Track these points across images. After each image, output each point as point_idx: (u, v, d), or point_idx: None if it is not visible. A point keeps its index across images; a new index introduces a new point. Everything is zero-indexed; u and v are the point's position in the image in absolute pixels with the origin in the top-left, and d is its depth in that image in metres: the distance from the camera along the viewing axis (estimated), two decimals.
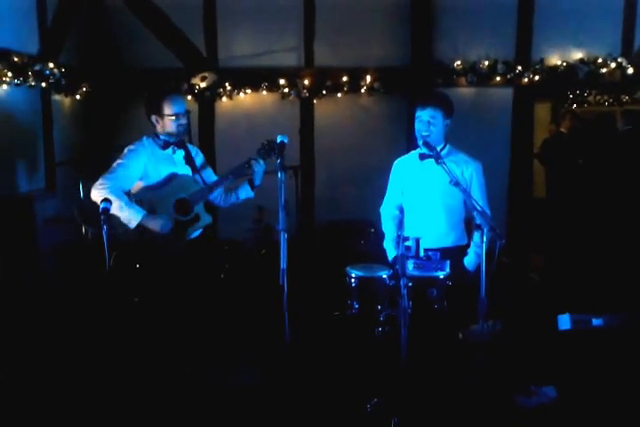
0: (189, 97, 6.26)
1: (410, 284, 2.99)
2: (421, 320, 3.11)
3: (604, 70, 6.05)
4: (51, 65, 5.14)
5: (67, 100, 5.90)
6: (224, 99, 6.33)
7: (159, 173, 3.52)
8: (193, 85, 6.21)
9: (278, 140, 3.36)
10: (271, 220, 3.96)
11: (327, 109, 6.40)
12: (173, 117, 3.50)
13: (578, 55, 6.14)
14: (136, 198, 3.43)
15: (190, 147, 3.73)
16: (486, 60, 6.13)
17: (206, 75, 6.21)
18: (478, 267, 3.06)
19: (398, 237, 2.98)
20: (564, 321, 3.52)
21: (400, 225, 3.03)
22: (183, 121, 3.55)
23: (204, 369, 3.51)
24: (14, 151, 5.02)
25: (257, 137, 5.69)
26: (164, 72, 6.21)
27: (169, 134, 3.55)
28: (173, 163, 3.60)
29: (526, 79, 6.13)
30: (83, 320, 4.22)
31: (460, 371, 3.22)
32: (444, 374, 3.23)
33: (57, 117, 5.64)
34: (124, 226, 3.34)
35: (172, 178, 3.55)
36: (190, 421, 3.11)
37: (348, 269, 3.49)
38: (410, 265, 3.21)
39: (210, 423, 3.11)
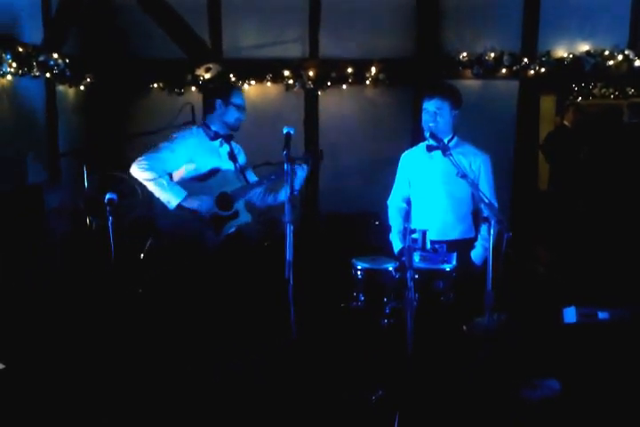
0: (193, 88, 6.24)
1: (416, 276, 2.98)
2: (427, 313, 3.11)
3: (611, 63, 6.01)
4: (55, 55, 5.13)
5: (71, 91, 5.89)
6: None
7: (205, 163, 3.53)
8: (197, 76, 6.18)
9: (284, 132, 3.34)
10: (276, 212, 3.95)
11: (332, 101, 6.38)
12: (239, 108, 3.57)
13: (584, 47, 6.10)
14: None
15: (234, 144, 3.75)
16: (492, 51, 6.09)
17: (210, 66, 6.18)
18: (485, 260, 3.05)
19: (405, 229, 2.97)
20: (570, 314, 3.51)
21: (407, 217, 3.02)
22: (243, 116, 3.61)
23: (209, 361, 3.51)
24: (18, 142, 5.01)
25: (262, 128, 5.77)
26: (168, 63, 6.19)
27: (224, 124, 3.58)
28: (219, 156, 3.62)
29: (532, 71, 6.09)
30: (86, 311, 4.23)
31: (464, 364, 3.22)
32: (449, 366, 3.23)
33: (61, 108, 5.64)
34: (164, 211, 3.34)
35: (216, 171, 3.56)
36: (196, 413, 3.12)
37: (353, 261, 3.48)
38: (416, 257, 3.20)
39: (214, 415, 3.11)
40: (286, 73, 6.15)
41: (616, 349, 3.41)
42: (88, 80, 5.96)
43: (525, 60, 6.08)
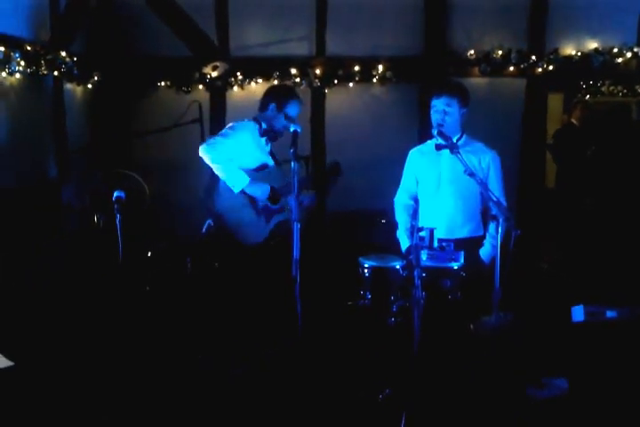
0: (200, 86, 6.24)
1: (423, 274, 2.98)
2: (435, 311, 3.10)
3: (620, 60, 5.98)
4: (63, 54, 5.15)
5: (78, 89, 5.90)
6: (235, 88, 6.31)
7: (255, 158, 3.68)
8: (204, 75, 6.18)
9: (291, 130, 3.34)
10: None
11: (339, 99, 6.36)
12: (288, 118, 3.68)
13: (592, 45, 6.07)
14: None
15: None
16: (500, 49, 6.06)
17: (217, 64, 6.18)
18: (493, 258, 3.05)
19: (412, 227, 2.97)
20: (578, 313, 3.49)
21: (414, 215, 3.01)
22: (290, 125, 3.55)
23: (216, 359, 3.52)
24: (27, 140, 5.03)
25: None
26: (176, 61, 6.20)
27: (270, 126, 3.72)
28: (265, 152, 3.77)
29: (540, 69, 6.06)
30: (93, 309, 4.24)
31: (471, 363, 3.21)
32: (456, 365, 3.22)
33: (69, 106, 5.65)
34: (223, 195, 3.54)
35: (264, 166, 3.72)
36: (202, 410, 3.12)
37: (360, 259, 3.49)
38: (424, 256, 3.19)
39: (223, 412, 3.12)
40: (293, 71, 6.14)
41: (624, 348, 3.39)
42: (96, 78, 5.97)
43: (533, 57, 6.05)
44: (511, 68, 6.09)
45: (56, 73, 5.13)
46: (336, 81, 6.22)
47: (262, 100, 3.81)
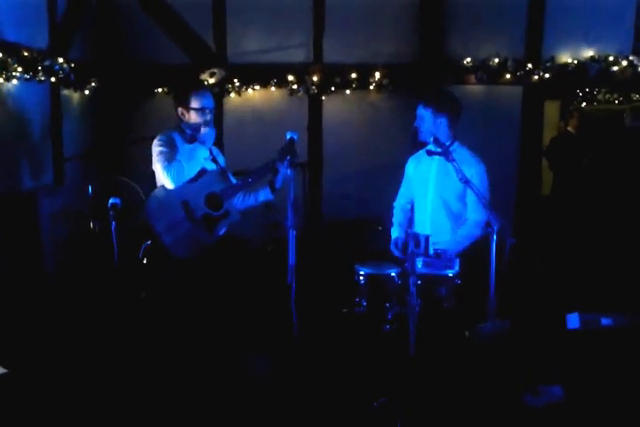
0: None
1: (418, 282, 2.98)
2: (430, 319, 3.10)
3: (615, 68, 6.00)
4: (60, 60, 5.15)
5: (75, 96, 5.91)
6: (232, 95, 6.32)
7: (191, 167, 3.46)
8: (201, 81, 6.19)
9: (288, 137, 3.35)
10: (279, 217, 3.95)
11: (336, 106, 6.38)
12: (199, 111, 3.50)
13: (589, 53, 6.09)
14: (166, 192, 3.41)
15: (212, 147, 3.70)
16: (496, 57, 6.09)
17: (215, 71, 6.19)
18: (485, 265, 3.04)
19: (407, 234, 2.97)
20: (573, 320, 3.50)
21: (410, 223, 3.02)
22: (209, 116, 3.55)
23: (211, 366, 3.51)
24: (23, 145, 5.03)
25: (265, 133, 5.78)
26: (173, 68, 6.20)
27: (195, 129, 3.53)
28: (198, 158, 3.54)
29: (536, 77, 6.08)
30: (89, 314, 4.23)
31: (467, 371, 3.21)
32: (451, 372, 3.22)
33: (66, 112, 5.66)
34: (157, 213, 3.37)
35: (202, 173, 3.53)
36: (200, 413, 3.11)
37: (356, 266, 3.49)
38: (419, 263, 3.20)
39: (217, 416, 3.11)
40: (290, 78, 6.15)
41: (619, 355, 3.39)
42: (93, 85, 5.98)
43: (529, 65, 6.07)
44: (507, 76, 6.11)
45: (53, 79, 5.13)
46: (333, 88, 6.23)
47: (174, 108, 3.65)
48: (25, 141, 5.06)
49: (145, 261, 3.56)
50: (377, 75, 6.13)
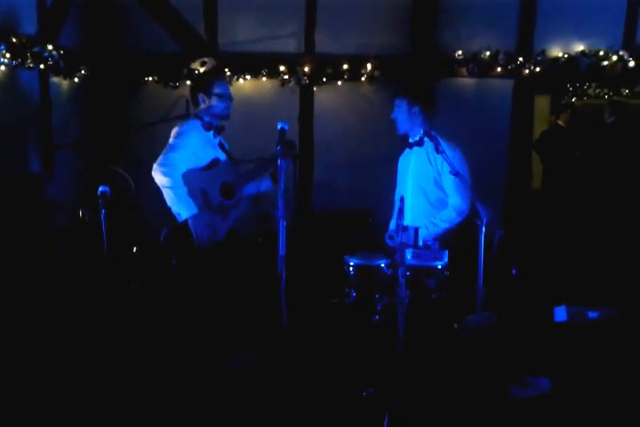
0: (188, 82, 6.21)
1: (407, 273, 3.00)
2: (419, 310, 3.12)
3: (606, 63, 6.03)
4: (49, 47, 5.10)
5: (65, 83, 5.85)
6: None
7: (206, 155, 3.66)
8: (192, 70, 6.15)
9: (279, 127, 3.34)
10: (269, 208, 3.95)
11: (327, 97, 6.36)
12: (222, 97, 3.69)
13: (579, 47, 6.11)
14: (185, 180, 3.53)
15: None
16: (487, 50, 6.09)
17: (206, 60, 6.15)
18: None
19: (398, 226, 2.98)
20: (560, 313, 3.53)
21: (400, 214, 3.03)
22: (228, 103, 3.73)
23: (202, 357, 3.51)
24: (11, 133, 4.98)
25: (256, 123, 5.75)
26: (164, 56, 6.16)
27: (213, 115, 3.71)
28: (214, 146, 3.74)
29: (527, 71, 6.10)
30: (79, 304, 4.22)
31: (454, 362, 3.24)
32: (439, 364, 3.24)
33: (55, 100, 5.60)
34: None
35: (215, 162, 3.69)
36: (188, 406, 3.12)
37: (346, 257, 3.50)
38: (408, 254, 3.21)
39: (206, 408, 3.12)
40: (282, 68, 6.13)
41: (606, 348, 3.43)
42: (82, 72, 5.92)
43: (520, 59, 6.08)
44: (498, 69, 6.11)
45: (42, 66, 5.08)
46: (324, 79, 6.21)
47: (190, 97, 3.83)
48: (13, 129, 5.01)
49: (163, 245, 3.67)
50: (369, 66, 6.11)
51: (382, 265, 3.41)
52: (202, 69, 6.14)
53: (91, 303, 4.09)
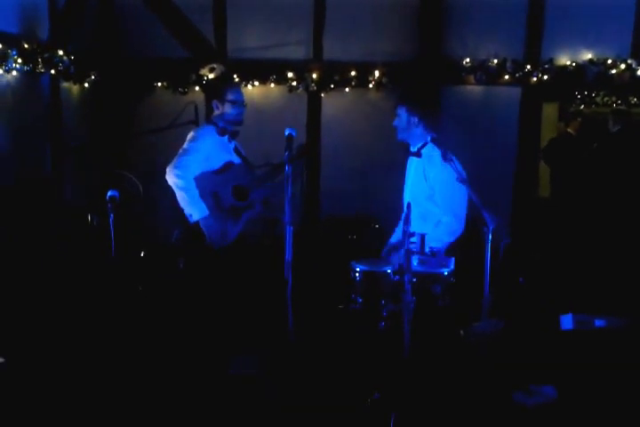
0: (197, 88, 6.25)
1: (414, 279, 3.00)
2: (424, 316, 3.12)
3: (614, 71, 6.03)
4: (60, 52, 5.14)
5: (75, 88, 5.90)
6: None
7: (219, 159, 3.75)
8: (201, 76, 6.19)
9: (286, 133, 3.36)
10: (276, 213, 3.97)
11: (335, 104, 6.39)
12: (234, 104, 3.77)
13: (587, 56, 6.12)
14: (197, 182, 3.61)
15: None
16: (495, 58, 6.10)
17: (214, 66, 6.18)
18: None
19: (404, 232, 2.99)
20: (567, 321, 3.52)
21: (405, 220, 3.03)
22: (242, 109, 3.82)
23: (207, 360, 3.52)
24: (22, 138, 5.02)
25: (264, 130, 5.77)
26: (173, 62, 6.20)
27: (227, 121, 3.80)
28: (229, 151, 3.83)
29: (535, 78, 6.10)
30: (87, 308, 4.24)
31: (460, 369, 3.23)
32: (445, 370, 3.24)
33: (65, 105, 5.64)
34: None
35: (229, 165, 3.78)
36: (190, 410, 3.13)
37: (352, 263, 3.50)
38: (414, 261, 3.21)
39: (209, 413, 3.12)
40: (290, 75, 6.16)
41: (612, 356, 3.42)
42: (92, 78, 5.97)
43: (528, 67, 6.09)
44: (506, 77, 6.13)
45: (53, 71, 5.13)
46: (332, 86, 6.24)
47: (206, 103, 3.99)
48: (24, 134, 5.05)
49: (174, 247, 3.72)
50: (376, 73, 6.14)
51: (389, 271, 3.41)
52: (210, 76, 6.18)
53: (96, 306, 4.10)
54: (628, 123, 6.78)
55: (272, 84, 6.26)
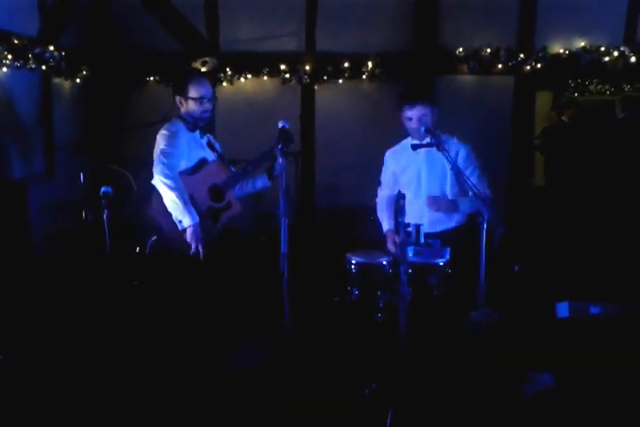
0: None
1: (409, 270, 3.00)
2: (420, 307, 3.13)
3: (607, 59, 6.02)
4: (51, 48, 5.12)
5: (67, 84, 5.87)
6: (224, 84, 6.30)
7: (193, 156, 3.47)
8: (193, 70, 6.16)
9: (280, 126, 3.34)
10: (271, 206, 3.96)
11: (328, 95, 6.37)
12: (198, 101, 3.42)
13: (580, 43, 6.10)
14: None
15: (208, 135, 3.69)
16: (488, 47, 6.09)
17: (207, 59, 6.16)
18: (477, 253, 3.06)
19: (399, 223, 2.99)
20: (563, 309, 3.53)
21: (400, 211, 3.03)
22: (208, 106, 3.47)
23: (205, 353, 3.53)
24: (13, 135, 5.00)
25: (257, 122, 5.76)
26: (165, 56, 6.17)
27: (194, 118, 3.48)
28: (202, 147, 3.56)
29: (528, 67, 6.09)
30: (82, 304, 4.24)
31: (457, 359, 3.24)
32: (442, 360, 3.25)
33: (57, 101, 5.62)
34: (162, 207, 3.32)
35: (203, 163, 3.51)
36: (189, 404, 3.13)
37: (348, 255, 3.50)
38: (410, 252, 3.22)
39: (209, 407, 3.13)
40: (283, 67, 6.14)
41: (608, 343, 3.43)
42: (84, 73, 5.94)
43: (522, 55, 6.08)
44: (500, 66, 6.12)
45: (44, 67, 5.10)
46: (325, 77, 6.22)
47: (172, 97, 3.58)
48: (15, 130, 5.03)
49: (150, 257, 3.56)
50: (369, 64, 6.12)
51: (384, 263, 3.42)
52: (203, 69, 6.15)
53: (93, 302, 4.10)
54: (636, 110, 6.72)
55: (265, 77, 6.25)
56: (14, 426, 2.96)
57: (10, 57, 4.60)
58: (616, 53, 5.99)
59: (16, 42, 4.69)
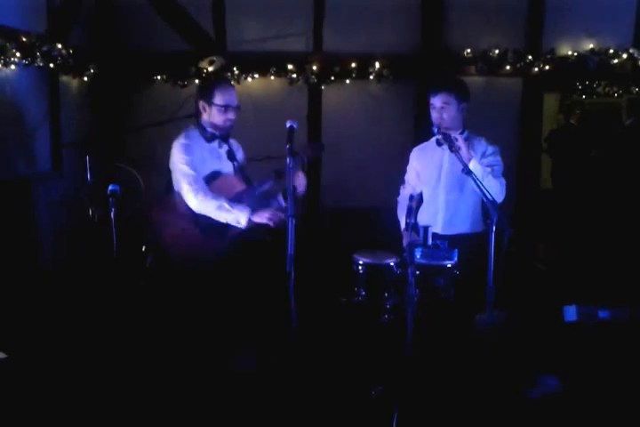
0: (197, 81, 6.23)
1: (417, 272, 2.99)
2: (428, 309, 3.11)
3: (615, 61, 6.00)
4: (59, 46, 5.11)
5: (74, 82, 5.87)
6: (232, 83, 6.28)
7: (205, 168, 3.36)
8: (200, 69, 6.16)
9: (287, 126, 3.32)
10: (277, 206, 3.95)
11: (335, 96, 6.36)
12: (222, 108, 3.34)
13: (589, 45, 6.09)
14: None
15: (231, 141, 3.58)
16: (496, 48, 6.07)
17: (214, 59, 6.15)
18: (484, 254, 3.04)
19: (407, 224, 2.98)
20: (570, 313, 3.52)
21: (409, 213, 3.02)
22: (231, 115, 3.39)
23: (210, 354, 3.52)
24: (20, 132, 5.01)
25: (264, 123, 5.75)
26: (172, 55, 6.17)
27: (214, 126, 3.40)
28: (219, 158, 3.47)
29: (536, 69, 6.08)
30: (88, 303, 4.23)
31: (464, 361, 3.23)
32: (448, 363, 3.23)
33: (64, 98, 5.62)
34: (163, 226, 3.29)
35: (216, 175, 3.41)
36: (192, 405, 3.12)
37: (355, 256, 3.49)
38: (418, 253, 3.20)
39: (211, 407, 3.12)
40: (290, 67, 6.13)
41: (615, 348, 3.41)
42: (92, 71, 5.93)
43: (530, 57, 6.06)
44: (507, 68, 6.10)
45: (51, 65, 5.10)
46: (333, 78, 6.21)
47: (195, 102, 3.48)
48: (23, 128, 5.03)
49: (150, 272, 3.53)
50: (377, 65, 6.11)
51: (391, 264, 3.40)
52: (210, 68, 6.15)
53: (97, 301, 4.10)
54: None
55: (272, 77, 6.23)
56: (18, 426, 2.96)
57: (18, 54, 4.59)
58: (624, 55, 5.98)
59: (24, 39, 4.69)
